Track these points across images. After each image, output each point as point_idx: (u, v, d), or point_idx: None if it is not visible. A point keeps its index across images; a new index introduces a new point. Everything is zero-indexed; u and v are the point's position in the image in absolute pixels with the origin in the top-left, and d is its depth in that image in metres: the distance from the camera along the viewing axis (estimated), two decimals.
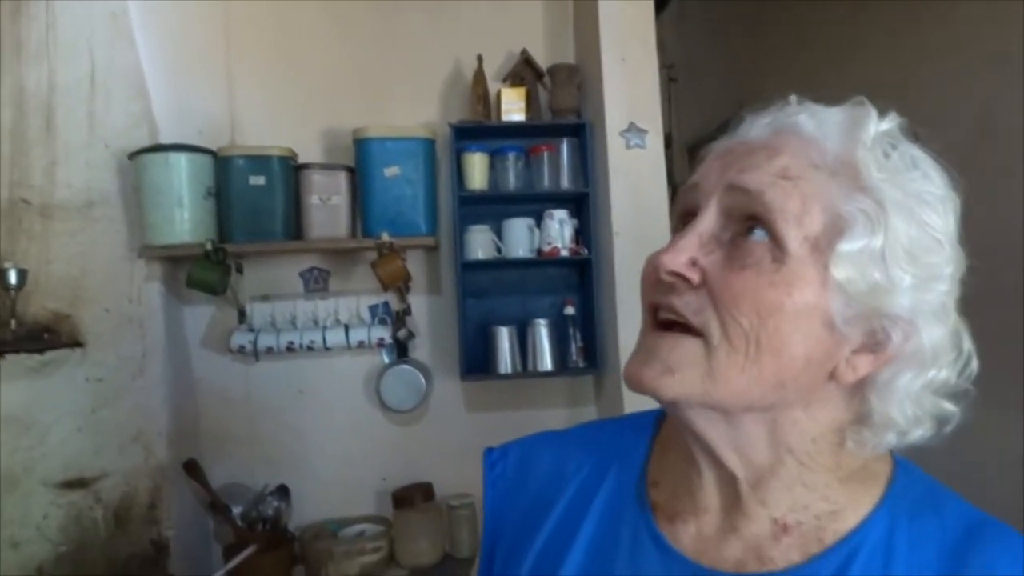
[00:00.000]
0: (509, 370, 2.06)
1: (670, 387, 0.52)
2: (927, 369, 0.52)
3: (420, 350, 2.19)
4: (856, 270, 0.50)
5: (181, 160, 1.87)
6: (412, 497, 2.02)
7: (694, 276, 0.52)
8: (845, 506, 0.55)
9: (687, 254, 0.52)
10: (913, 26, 2.34)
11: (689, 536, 0.57)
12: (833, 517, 0.54)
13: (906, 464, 0.58)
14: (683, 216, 0.56)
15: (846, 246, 0.50)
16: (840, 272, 0.50)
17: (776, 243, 0.50)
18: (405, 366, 2.09)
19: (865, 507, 0.54)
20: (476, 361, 2.10)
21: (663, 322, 0.54)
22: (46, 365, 1.85)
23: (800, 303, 0.50)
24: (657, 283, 0.53)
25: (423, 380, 2.08)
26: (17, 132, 1.92)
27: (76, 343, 1.88)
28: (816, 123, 0.53)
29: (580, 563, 0.59)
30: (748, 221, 0.52)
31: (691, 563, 0.56)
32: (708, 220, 0.53)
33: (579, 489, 0.64)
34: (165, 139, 2.01)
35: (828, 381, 0.53)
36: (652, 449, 0.64)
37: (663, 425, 0.65)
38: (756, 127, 0.56)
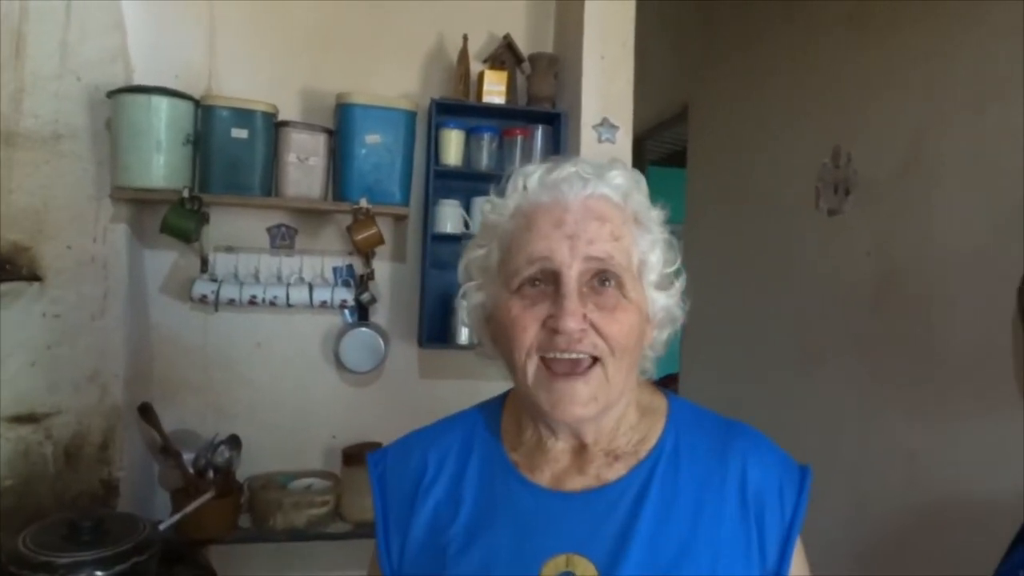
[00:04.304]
0: (466, 341, 2.15)
1: (595, 409, 0.75)
2: (666, 325, 0.82)
3: (379, 315, 2.25)
4: (658, 285, 0.79)
5: (163, 104, 1.85)
6: (362, 455, 2.07)
7: (587, 326, 0.73)
8: (647, 432, 0.82)
9: (579, 315, 0.72)
10: (856, 50, 2.53)
11: (545, 479, 0.80)
12: (642, 442, 0.81)
13: (674, 397, 0.87)
14: (533, 278, 0.75)
15: (652, 275, 0.79)
16: (651, 292, 0.79)
17: (621, 287, 0.75)
18: (365, 329, 2.15)
19: (657, 431, 0.82)
20: (435, 330, 2.18)
21: (564, 370, 0.74)
22: (2, 296, 1.82)
23: (640, 315, 0.77)
24: (551, 340, 0.73)
25: (382, 344, 2.15)
26: None
27: (35, 276, 1.85)
28: (614, 188, 0.77)
29: (470, 512, 0.80)
30: (600, 274, 0.74)
31: (551, 492, 0.79)
32: (573, 283, 0.73)
33: (455, 464, 0.84)
34: (140, 79, 1.98)
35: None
36: (503, 425, 0.86)
37: (505, 408, 0.88)
38: (570, 192, 0.76)
